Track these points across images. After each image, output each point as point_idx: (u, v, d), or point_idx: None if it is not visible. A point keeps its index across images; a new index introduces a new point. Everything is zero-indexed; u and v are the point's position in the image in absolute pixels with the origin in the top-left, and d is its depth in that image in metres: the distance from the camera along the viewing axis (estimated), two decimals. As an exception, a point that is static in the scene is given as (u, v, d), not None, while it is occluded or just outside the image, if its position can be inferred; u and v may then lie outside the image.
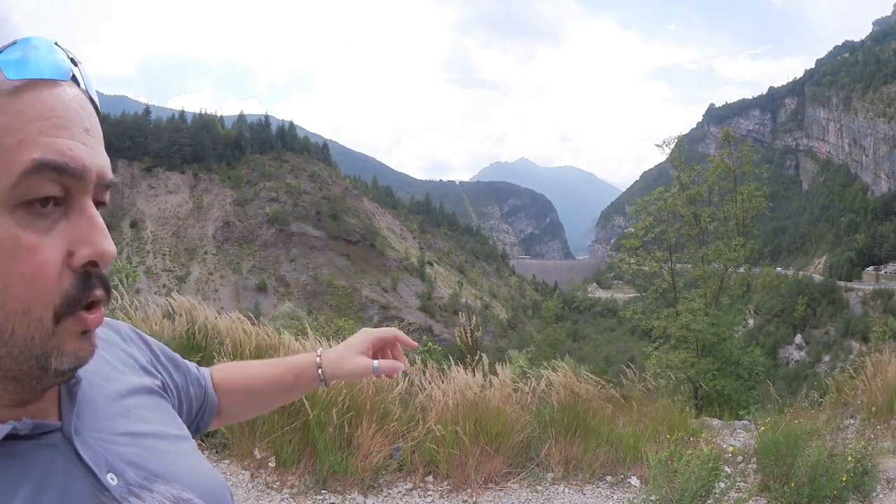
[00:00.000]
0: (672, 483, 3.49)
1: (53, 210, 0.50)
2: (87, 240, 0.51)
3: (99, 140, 0.54)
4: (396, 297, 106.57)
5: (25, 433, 0.55)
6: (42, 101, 0.50)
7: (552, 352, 25.70)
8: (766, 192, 12.48)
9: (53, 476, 0.55)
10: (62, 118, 0.51)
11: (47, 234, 0.49)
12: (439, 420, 3.90)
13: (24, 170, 0.47)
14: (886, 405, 5.26)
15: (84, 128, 0.52)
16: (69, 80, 0.53)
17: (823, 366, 64.49)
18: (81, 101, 0.54)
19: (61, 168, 0.49)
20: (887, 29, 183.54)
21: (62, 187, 0.50)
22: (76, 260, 0.50)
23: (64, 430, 0.59)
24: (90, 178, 0.52)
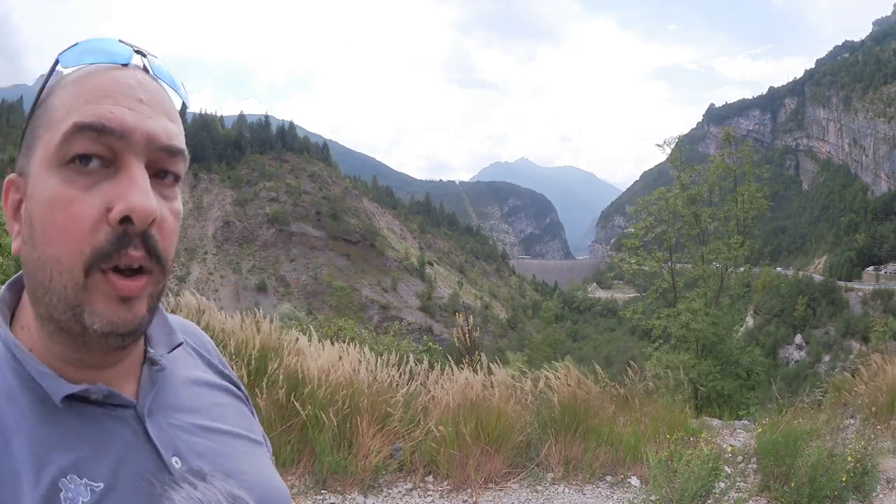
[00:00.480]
0: (672, 483, 3.49)
1: (99, 170, 0.53)
2: (123, 196, 0.52)
3: (159, 112, 0.57)
4: (396, 297, 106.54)
5: (98, 399, 0.58)
6: (94, 81, 0.56)
7: (552, 352, 25.73)
8: (766, 193, 12.48)
9: (114, 444, 0.58)
10: (109, 91, 0.55)
11: (87, 191, 0.53)
12: (440, 420, 3.90)
13: (65, 132, 0.53)
14: (887, 405, 5.26)
15: (137, 98, 0.56)
16: (129, 65, 0.58)
17: (823, 366, 64.42)
18: (141, 80, 0.57)
19: (98, 128, 0.53)
20: (887, 29, 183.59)
21: (107, 148, 0.53)
22: (112, 215, 0.52)
23: (137, 409, 0.62)
24: (134, 139, 0.54)
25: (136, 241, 0.53)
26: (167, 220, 0.57)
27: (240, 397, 0.78)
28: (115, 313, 0.54)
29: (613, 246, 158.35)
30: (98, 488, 0.55)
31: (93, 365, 0.59)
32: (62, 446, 0.55)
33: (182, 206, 0.60)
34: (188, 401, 0.69)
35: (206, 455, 0.64)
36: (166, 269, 0.58)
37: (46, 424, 0.56)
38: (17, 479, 0.53)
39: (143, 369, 0.65)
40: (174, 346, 0.69)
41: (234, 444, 0.69)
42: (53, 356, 0.58)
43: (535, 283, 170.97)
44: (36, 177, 0.55)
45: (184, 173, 0.60)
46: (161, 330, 0.69)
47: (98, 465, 0.56)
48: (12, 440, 0.54)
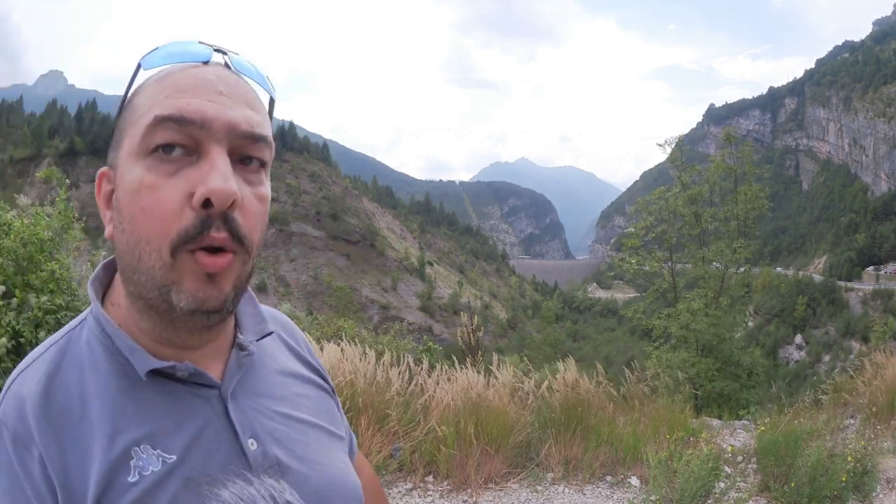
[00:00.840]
0: (672, 483, 3.49)
1: (181, 158, 0.56)
2: (204, 180, 0.55)
3: (239, 102, 0.59)
4: (396, 297, 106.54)
5: (183, 376, 0.62)
6: (174, 78, 0.59)
7: (552, 352, 25.70)
8: (767, 193, 12.48)
9: (193, 421, 0.62)
10: (188, 86, 0.58)
11: (171, 177, 0.56)
12: (440, 420, 3.90)
13: (147, 124, 0.56)
14: (887, 405, 5.25)
15: (216, 91, 0.59)
16: (209, 63, 0.62)
17: (823, 366, 64.42)
18: (221, 75, 0.61)
19: (178, 118, 0.56)
20: (887, 29, 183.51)
21: (188, 137, 0.56)
22: (195, 199, 0.55)
23: (221, 390, 0.65)
24: (215, 128, 0.57)
25: (219, 223, 0.56)
26: (251, 203, 0.59)
27: (326, 390, 0.80)
28: (201, 290, 0.57)
29: (613, 246, 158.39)
30: (170, 460, 0.58)
31: (179, 344, 0.62)
32: (140, 418, 0.59)
33: (269, 192, 0.63)
34: (274, 388, 0.71)
35: (283, 441, 0.67)
36: (251, 251, 0.59)
37: (127, 396, 0.60)
38: (89, 444, 0.57)
39: (232, 353, 0.68)
40: (264, 335, 0.71)
41: (313, 433, 0.72)
42: (142, 333, 0.62)
43: (535, 283, 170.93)
44: (123, 167, 0.58)
45: (270, 160, 0.63)
46: (252, 318, 0.72)
47: (174, 438, 0.60)
48: (90, 408, 0.58)
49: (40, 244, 4.54)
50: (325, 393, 0.80)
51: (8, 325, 4.13)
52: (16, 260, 4.45)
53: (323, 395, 0.79)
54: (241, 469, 0.62)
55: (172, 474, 0.58)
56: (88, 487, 0.56)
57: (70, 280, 4.71)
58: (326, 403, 0.78)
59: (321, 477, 0.69)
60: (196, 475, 0.59)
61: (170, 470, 0.58)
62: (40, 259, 4.53)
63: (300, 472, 0.67)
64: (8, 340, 4.10)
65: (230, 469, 0.62)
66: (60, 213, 4.86)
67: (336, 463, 0.72)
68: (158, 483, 0.57)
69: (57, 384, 0.60)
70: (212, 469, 0.60)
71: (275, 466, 0.65)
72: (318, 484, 0.68)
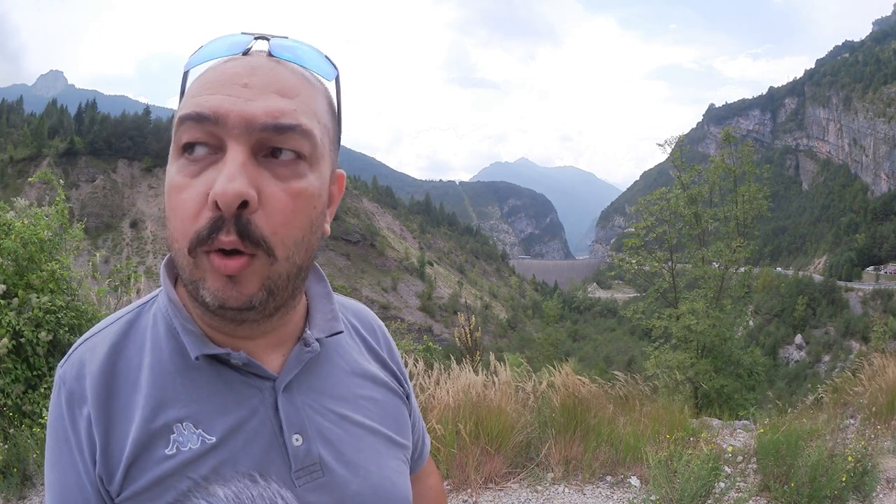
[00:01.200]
0: (672, 483, 3.49)
1: (206, 157, 0.56)
2: (216, 181, 0.54)
3: (265, 92, 0.57)
4: (396, 297, 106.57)
5: (238, 364, 0.63)
6: (206, 76, 0.59)
7: (554, 351, 25.70)
8: (767, 193, 12.48)
9: (240, 409, 0.63)
10: (212, 83, 0.57)
11: (195, 178, 0.56)
12: (440, 420, 3.90)
13: (175, 125, 0.57)
14: (887, 405, 5.25)
15: (241, 84, 0.56)
16: (249, 52, 0.60)
17: (823, 366, 64.47)
18: (253, 65, 0.58)
19: (194, 117, 0.55)
20: (887, 29, 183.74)
21: (210, 135, 0.55)
22: (208, 202, 0.54)
23: (276, 383, 0.65)
24: (230, 123, 0.55)
25: (229, 225, 0.54)
26: (277, 200, 0.56)
27: (399, 395, 0.79)
28: (222, 290, 0.56)
29: (613, 246, 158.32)
30: (209, 441, 0.60)
31: (230, 333, 0.63)
32: (189, 397, 0.61)
33: (312, 184, 0.59)
34: (337, 388, 0.71)
35: (332, 441, 0.67)
36: (274, 251, 0.57)
37: (181, 375, 0.62)
38: (133, 412, 0.60)
39: (295, 348, 0.67)
40: (332, 333, 0.70)
41: (369, 439, 0.71)
42: (201, 319, 0.63)
43: (535, 283, 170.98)
44: (167, 167, 0.60)
45: (309, 150, 0.58)
46: (323, 315, 0.71)
47: (218, 421, 0.61)
48: (141, 380, 0.62)
49: (40, 244, 4.54)
50: (398, 397, 0.78)
51: (8, 324, 4.14)
52: (16, 260, 4.45)
53: (394, 399, 0.78)
54: (279, 462, 0.63)
55: (208, 455, 0.60)
56: (125, 450, 0.60)
57: (70, 280, 4.72)
58: (395, 408, 0.77)
59: (364, 484, 0.68)
60: (232, 460, 0.61)
61: (206, 450, 0.60)
62: (41, 259, 4.54)
63: (342, 475, 0.67)
64: (9, 340, 4.10)
65: (269, 459, 0.63)
66: (59, 212, 4.86)
67: (387, 472, 0.71)
68: (193, 460, 0.60)
69: (118, 355, 0.63)
70: (250, 457, 0.62)
71: (316, 465, 0.65)
72: (357, 490, 0.67)
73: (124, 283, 5.37)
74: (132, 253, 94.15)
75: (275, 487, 0.62)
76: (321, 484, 0.65)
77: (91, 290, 4.89)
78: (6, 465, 3.78)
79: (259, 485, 0.61)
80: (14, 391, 4.12)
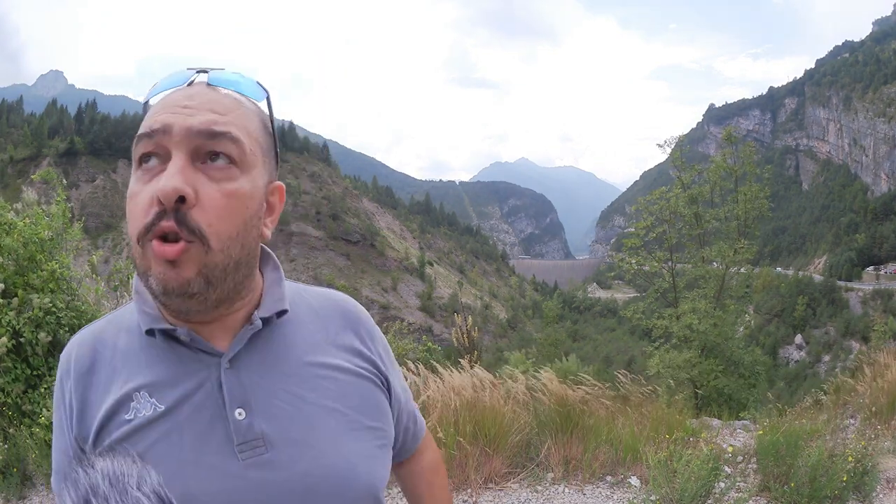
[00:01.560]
0: (672, 483, 3.49)
1: (157, 166, 0.66)
2: (160, 181, 0.64)
3: (203, 109, 0.67)
4: (396, 297, 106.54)
5: (185, 340, 0.71)
6: (157, 105, 0.70)
7: (555, 351, 25.68)
8: (767, 194, 12.46)
9: (188, 382, 0.71)
10: (160, 107, 0.68)
11: (147, 184, 0.66)
12: (439, 420, 3.89)
13: (134, 143, 0.68)
14: (887, 405, 5.25)
15: (181, 106, 0.67)
16: (193, 84, 0.71)
17: (823, 366, 64.41)
18: (194, 92, 0.70)
19: (147, 133, 0.66)
20: (887, 29, 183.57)
21: (159, 146, 0.66)
22: (154, 199, 0.64)
23: (221, 359, 0.72)
24: (174, 133, 0.65)
25: (170, 215, 0.64)
26: (211, 198, 0.65)
27: (372, 380, 0.81)
28: (163, 273, 0.65)
29: (613, 246, 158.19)
30: (160, 409, 0.69)
31: (190, 319, 0.71)
32: (149, 371, 0.71)
33: (245, 186, 0.68)
34: (292, 368, 0.75)
35: (278, 418, 0.71)
36: (209, 241, 0.65)
37: (144, 352, 0.73)
38: (109, 385, 0.72)
39: (242, 328, 0.74)
40: (277, 312, 0.75)
41: (325, 419, 0.73)
42: (166, 308, 0.71)
43: (535, 283, 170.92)
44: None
45: (239, 155, 0.68)
46: (272, 297, 0.77)
47: (168, 392, 0.70)
48: (116, 358, 0.74)
49: (41, 244, 4.54)
50: (371, 383, 0.81)
51: (8, 324, 4.13)
52: (16, 260, 4.45)
53: (365, 384, 0.80)
54: (222, 435, 0.69)
55: (158, 421, 0.69)
56: (97, 415, 0.71)
57: (70, 280, 4.71)
58: (365, 393, 0.79)
59: (315, 463, 0.71)
60: (176, 428, 0.69)
61: (156, 416, 0.69)
62: (41, 259, 4.53)
63: (288, 452, 0.70)
64: (8, 340, 4.09)
65: (212, 431, 0.69)
66: (60, 212, 4.85)
67: (345, 453, 0.73)
68: (145, 425, 0.69)
69: (98, 340, 0.76)
70: (194, 426, 0.69)
71: (259, 440, 0.69)
72: (306, 469, 0.70)
73: (124, 284, 5.37)
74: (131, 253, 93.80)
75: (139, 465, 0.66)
76: (266, 460, 0.69)
77: (91, 290, 4.88)
78: (6, 465, 3.78)
79: (133, 461, 0.66)
80: (14, 391, 4.12)
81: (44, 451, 3.77)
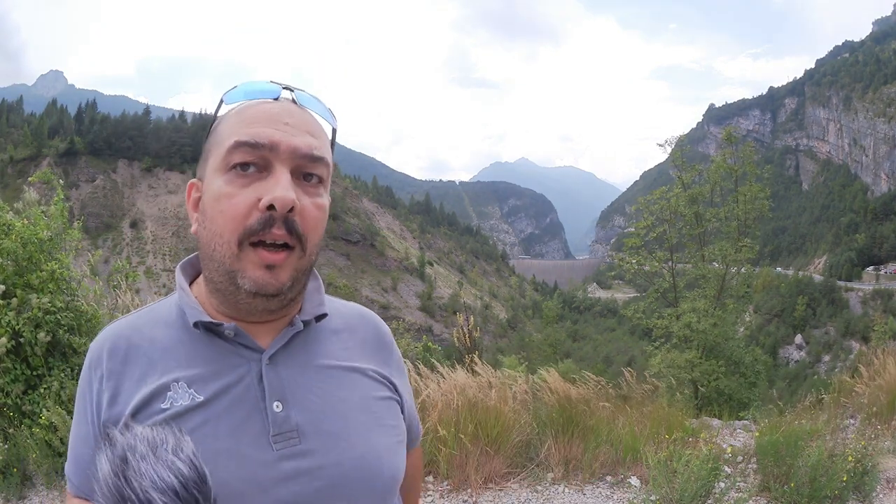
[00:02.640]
0: (672, 483, 3.49)
1: (254, 174, 0.72)
2: (270, 190, 0.70)
3: (301, 130, 0.75)
4: (396, 297, 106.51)
5: (230, 335, 0.76)
6: (250, 112, 0.75)
7: (552, 352, 25.65)
8: (768, 194, 12.45)
9: (229, 375, 0.75)
10: (261, 118, 0.74)
11: (244, 188, 0.71)
12: (440, 420, 3.89)
13: (228, 147, 0.72)
14: (887, 405, 5.24)
15: (283, 122, 0.74)
16: (281, 99, 0.77)
17: (823, 366, 64.40)
18: (287, 109, 0.76)
19: (251, 144, 0.71)
20: (887, 29, 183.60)
21: (260, 157, 0.72)
22: (261, 203, 0.70)
23: (263, 355, 0.77)
24: (281, 150, 0.72)
25: (279, 222, 0.70)
26: (309, 210, 0.74)
27: (389, 390, 0.88)
28: (262, 277, 0.71)
29: (613, 246, 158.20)
30: (198, 399, 0.73)
31: (241, 319, 0.77)
32: (188, 363, 0.75)
33: (327, 202, 0.78)
34: (326, 368, 0.81)
35: (313, 412, 0.76)
36: (307, 248, 0.74)
37: (185, 345, 0.77)
38: (146, 374, 0.75)
39: (284, 328, 0.79)
40: (317, 316, 0.81)
41: (356, 414, 0.80)
42: (211, 306, 0.78)
43: (535, 283, 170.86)
44: (209, 180, 0.75)
45: (327, 176, 0.77)
46: (311, 303, 0.83)
47: (209, 384, 0.74)
48: (154, 350, 0.77)
49: (40, 244, 4.53)
50: (388, 390, 0.87)
51: (8, 324, 4.12)
52: (16, 260, 4.44)
53: (384, 390, 0.86)
54: (258, 426, 0.74)
55: (196, 411, 0.72)
56: (131, 402, 0.74)
57: (70, 280, 4.70)
58: (384, 396, 0.86)
59: (346, 454, 0.76)
60: (214, 417, 0.73)
61: (194, 406, 0.73)
62: (40, 259, 4.52)
63: (320, 443, 0.75)
64: (8, 340, 4.09)
65: (249, 422, 0.74)
66: (59, 212, 4.84)
67: (374, 446, 0.79)
68: (182, 413, 0.72)
69: (135, 330, 0.79)
70: (232, 418, 0.73)
71: (293, 431, 0.74)
72: (338, 459, 0.75)
73: (128, 280, 5.36)
74: (132, 253, 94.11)
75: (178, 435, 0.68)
76: (299, 451, 0.74)
77: (90, 291, 4.88)
78: (6, 465, 3.78)
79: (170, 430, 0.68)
80: (14, 391, 4.12)
81: (44, 452, 3.77)
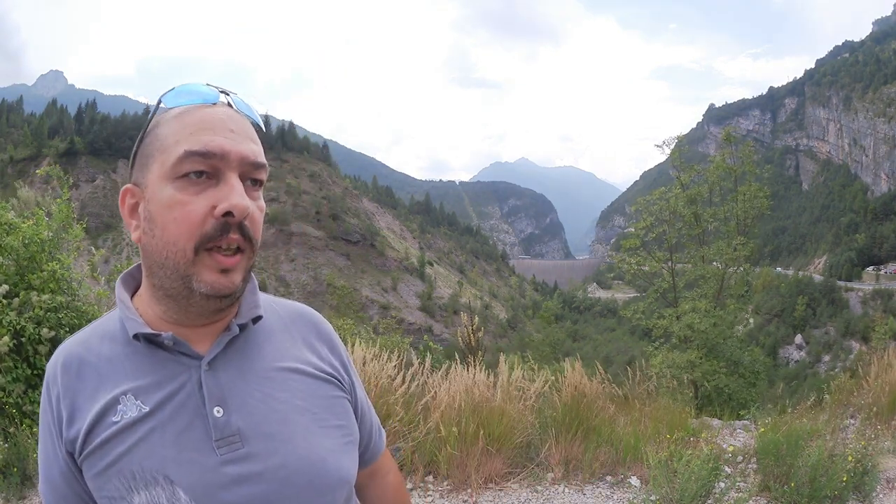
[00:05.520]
0: (672, 483, 3.49)
1: (205, 181, 0.73)
2: (227, 198, 0.72)
3: (245, 137, 0.76)
4: (396, 297, 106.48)
5: (168, 344, 0.77)
6: (193, 117, 0.75)
7: (552, 352, 25.65)
8: (767, 193, 12.45)
9: (171, 383, 0.77)
10: (207, 124, 0.74)
11: (197, 196, 0.72)
12: (441, 420, 3.89)
13: (178, 156, 0.72)
14: (887, 405, 5.25)
15: (229, 129, 0.75)
16: (219, 103, 0.78)
17: (823, 366, 64.40)
18: (230, 115, 0.77)
19: (203, 153, 0.72)
20: (887, 29, 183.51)
21: (210, 166, 0.73)
22: (217, 210, 0.72)
23: (202, 361, 0.78)
24: (231, 158, 0.74)
25: (234, 228, 0.73)
26: (255, 214, 0.76)
27: (336, 385, 0.88)
28: (217, 280, 0.74)
29: (613, 246, 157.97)
30: (144, 410, 0.75)
31: (186, 324, 0.79)
32: (134, 375, 0.77)
33: (263, 203, 0.80)
34: (265, 370, 0.82)
35: (254, 415, 0.77)
36: (255, 249, 0.77)
37: (129, 358, 0.78)
38: (98, 389, 0.77)
39: (221, 333, 0.80)
40: (252, 318, 0.82)
41: (297, 416, 0.80)
42: (154, 315, 0.79)
43: (535, 283, 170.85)
44: (154, 186, 0.74)
45: (265, 179, 0.79)
46: (247, 305, 0.84)
47: (152, 394, 0.76)
48: (102, 365, 0.78)
49: (41, 244, 4.53)
50: (335, 387, 0.88)
51: (9, 323, 4.13)
52: (17, 260, 4.44)
53: (330, 388, 0.87)
54: (201, 432, 0.75)
55: (143, 421, 0.74)
56: (87, 418, 0.76)
57: (70, 280, 4.70)
58: (330, 396, 0.86)
59: (290, 456, 0.77)
60: (160, 426, 0.74)
61: (141, 417, 0.75)
62: (41, 259, 4.52)
63: (263, 446, 0.76)
64: (10, 339, 4.09)
65: (192, 428, 0.75)
66: (61, 211, 4.84)
67: (316, 448, 0.79)
68: (131, 425, 0.74)
69: (84, 348, 0.80)
70: (176, 425, 0.75)
71: (235, 436, 0.76)
72: (282, 462, 0.76)
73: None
74: (132, 253, 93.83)
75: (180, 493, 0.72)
76: (242, 455, 0.75)
77: (91, 291, 4.88)
78: (6, 465, 3.78)
79: (167, 490, 0.72)
80: (15, 390, 4.12)
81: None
